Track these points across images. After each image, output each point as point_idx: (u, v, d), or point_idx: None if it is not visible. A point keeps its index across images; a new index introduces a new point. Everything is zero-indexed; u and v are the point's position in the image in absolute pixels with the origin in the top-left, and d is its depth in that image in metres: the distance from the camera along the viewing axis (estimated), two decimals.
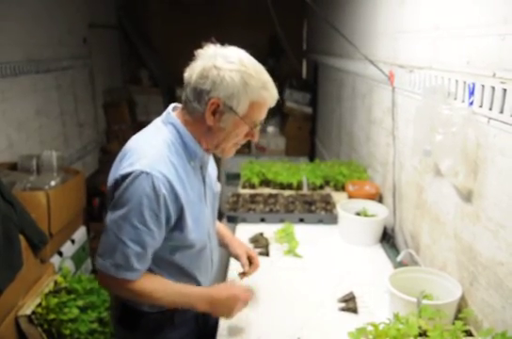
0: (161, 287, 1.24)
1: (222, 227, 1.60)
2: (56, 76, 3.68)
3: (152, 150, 1.17)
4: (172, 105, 1.29)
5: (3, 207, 1.94)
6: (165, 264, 1.29)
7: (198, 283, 1.36)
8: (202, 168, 1.32)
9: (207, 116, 1.17)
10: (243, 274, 1.49)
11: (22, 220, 2.05)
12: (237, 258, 1.51)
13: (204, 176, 1.33)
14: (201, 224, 1.29)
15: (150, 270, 1.26)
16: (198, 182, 1.29)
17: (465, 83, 1.36)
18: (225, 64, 1.14)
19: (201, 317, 1.45)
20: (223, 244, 1.55)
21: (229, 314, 1.29)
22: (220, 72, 1.13)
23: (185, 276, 1.32)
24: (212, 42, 1.21)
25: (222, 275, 1.70)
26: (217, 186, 1.45)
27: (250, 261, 1.51)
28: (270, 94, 1.20)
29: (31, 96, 3.25)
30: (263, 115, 1.24)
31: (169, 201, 1.15)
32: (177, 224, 1.21)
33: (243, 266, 1.49)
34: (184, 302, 1.26)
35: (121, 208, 1.13)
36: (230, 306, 1.28)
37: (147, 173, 1.11)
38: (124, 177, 1.13)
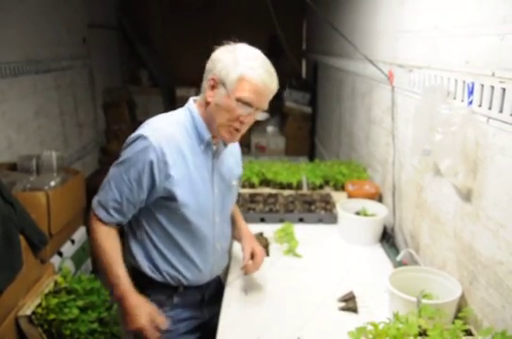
0: (110, 250, 1.33)
1: (241, 221, 1.69)
2: (56, 77, 3.68)
3: (161, 123, 1.36)
4: (193, 98, 1.44)
5: (3, 208, 1.94)
6: (165, 238, 1.39)
7: (193, 263, 1.44)
8: (214, 156, 1.42)
9: (208, 92, 1.32)
10: (245, 270, 1.56)
11: (22, 221, 2.05)
12: (242, 251, 1.59)
13: (214, 164, 1.42)
14: (202, 205, 1.39)
15: (151, 240, 1.40)
16: (205, 167, 1.40)
17: (464, 82, 1.36)
18: (228, 50, 1.31)
19: (207, 308, 1.54)
20: (238, 237, 1.65)
21: (130, 321, 1.30)
22: (222, 54, 1.31)
23: (180, 251, 1.41)
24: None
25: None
26: (233, 181, 1.52)
27: (253, 257, 1.56)
28: (261, 77, 1.27)
29: (31, 96, 3.25)
30: (253, 96, 1.27)
31: (156, 167, 1.28)
32: (168, 194, 1.32)
33: (243, 259, 1.56)
34: (110, 276, 1.33)
35: (119, 160, 1.33)
36: (136, 314, 1.30)
37: (144, 137, 1.28)
38: (129, 139, 1.32)
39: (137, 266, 1.45)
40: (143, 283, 1.44)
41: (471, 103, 1.32)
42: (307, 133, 5.08)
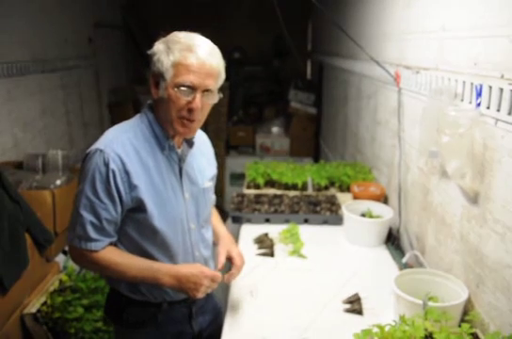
0: (127, 260, 1.27)
1: (218, 223, 1.61)
2: (62, 76, 3.69)
3: (114, 133, 1.28)
4: (150, 101, 1.35)
5: (9, 206, 1.95)
6: (137, 252, 1.31)
7: None
8: (180, 160, 1.34)
9: (152, 90, 1.26)
10: (226, 280, 1.44)
11: (28, 219, 2.06)
12: (217, 256, 1.50)
13: (182, 168, 1.34)
14: (171, 213, 1.31)
15: None
16: (172, 172, 1.32)
17: (472, 84, 1.35)
18: (161, 40, 1.25)
19: (196, 321, 1.45)
20: (215, 241, 1.56)
21: (196, 290, 1.27)
22: (155, 47, 1.25)
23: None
24: None
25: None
26: (206, 183, 1.43)
27: (232, 262, 1.48)
28: (196, 55, 1.19)
29: (37, 95, 3.26)
30: (191, 77, 1.19)
31: (119, 177, 1.21)
32: (136, 205, 1.25)
33: (217, 263, 1.46)
34: (150, 276, 1.26)
35: (80, 183, 1.25)
36: (196, 282, 1.27)
37: (100, 150, 1.22)
38: (85, 156, 1.25)
39: (113, 285, 1.38)
40: (122, 304, 1.37)
41: (479, 105, 1.31)
42: (312, 134, 5.07)
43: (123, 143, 1.24)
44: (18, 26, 2.99)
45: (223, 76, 1.30)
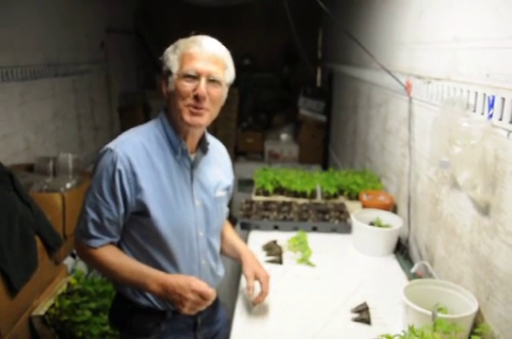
0: (121, 261, 1.26)
1: (236, 239, 1.59)
2: (74, 80, 3.74)
3: (127, 135, 1.30)
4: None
5: (20, 208, 1.97)
6: (141, 254, 1.31)
7: None
8: (193, 166, 1.34)
9: (163, 88, 1.29)
10: (254, 303, 1.47)
11: (38, 222, 2.08)
12: (246, 280, 1.49)
13: (193, 175, 1.34)
14: (178, 220, 1.29)
15: None
16: (183, 178, 1.32)
17: (485, 95, 1.35)
18: (172, 45, 1.30)
19: (201, 332, 1.44)
20: (239, 261, 1.53)
21: (180, 303, 1.20)
22: (165, 52, 1.29)
23: (161, 270, 1.29)
24: None
25: (234, 288, 1.69)
26: (219, 193, 1.42)
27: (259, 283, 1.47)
28: (198, 44, 1.24)
29: (49, 99, 3.31)
30: (195, 64, 1.22)
31: (125, 178, 1.22)
32: (140, 209, 1.25)
33: (247, 289, 1.46)
34: (138, 280, 1.24)
35: (91, 180, 1.27)
36: (181, 294, 1.19)
37: (110, 150, 1.24)
38: (98, 155, 1.27)
39: (119, 290, 1.37)
40: (127, 310, 1.37)
41: (491, 116, 1.31)
42: (321, 141, 5.08)
43: (135, 145, 1.25)
44: (32, 31, 3.04)
45: (231, 70, 1.30)
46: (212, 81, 1.23)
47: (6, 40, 2.72)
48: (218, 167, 1.45)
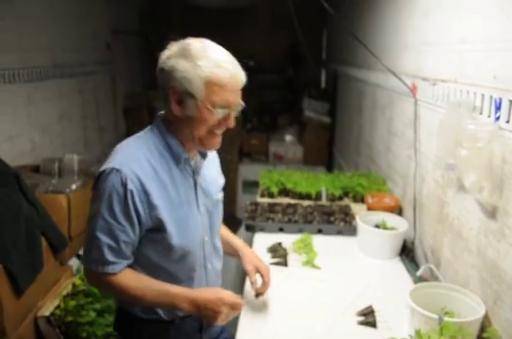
0: (144, 284, 1.22)
1: (232, 236, 1.59)
2: (80, 81, 3.75)
3: (129, 149, 1.22)
4: (161, 112, 1.30)
5: (26, 209, 1.98)
6: (152, 268, 1.27)
7: None
8: (194, 173, 1.31)
9: (173, 107, 1.19)
10: (257, 295, 1.49)
11: (44, 222, 2.08)
12: (247, 274, 1.49)
13: (196, 181, 1.32)
14: (189, 230, 1.28)
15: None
16: (187, 186, 1.28)
17: (491, 97, 1.34)
18: (179, 54, 1.17)
19: (207, 334, 1.43)
20: (237, 256, 1.54)
21: (214, 318, 1.22)
22: (174, 61, 1.16)
23: (175, 281, 1.28)
24: None
25: (239, 286, 1.70)
26: (218, 195, 1.42)
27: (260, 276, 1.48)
28: (228, 72, 1.16)
29: (55, 100, 3.32)
30: (227, 96, 1.17)
31: (137, 198, 1.16)
32: (155, 226, 1.21)
33: (251, 284, 1.47)
34: (167, 301, 1.22)
35: (95, 204, 1.18)
36: (214, 309, 1.21)
37: (117, 170, 1.15)
38: (99, 175, 1.18)
39: (125, 307, 1.34)
40: (132, 324, 1.34)
41: (498, 118, 1.31)
42: (325, 143, 5.07)
43: (140, 162, 1.19)
44: (39, 32, 3.06)
45: None
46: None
47: (13, 42, 2.73)
48: (212, 165, 1.43)
